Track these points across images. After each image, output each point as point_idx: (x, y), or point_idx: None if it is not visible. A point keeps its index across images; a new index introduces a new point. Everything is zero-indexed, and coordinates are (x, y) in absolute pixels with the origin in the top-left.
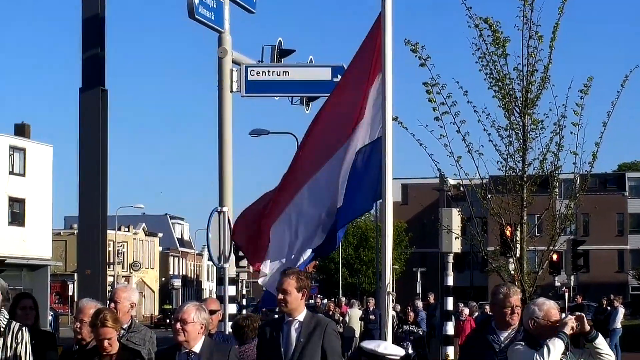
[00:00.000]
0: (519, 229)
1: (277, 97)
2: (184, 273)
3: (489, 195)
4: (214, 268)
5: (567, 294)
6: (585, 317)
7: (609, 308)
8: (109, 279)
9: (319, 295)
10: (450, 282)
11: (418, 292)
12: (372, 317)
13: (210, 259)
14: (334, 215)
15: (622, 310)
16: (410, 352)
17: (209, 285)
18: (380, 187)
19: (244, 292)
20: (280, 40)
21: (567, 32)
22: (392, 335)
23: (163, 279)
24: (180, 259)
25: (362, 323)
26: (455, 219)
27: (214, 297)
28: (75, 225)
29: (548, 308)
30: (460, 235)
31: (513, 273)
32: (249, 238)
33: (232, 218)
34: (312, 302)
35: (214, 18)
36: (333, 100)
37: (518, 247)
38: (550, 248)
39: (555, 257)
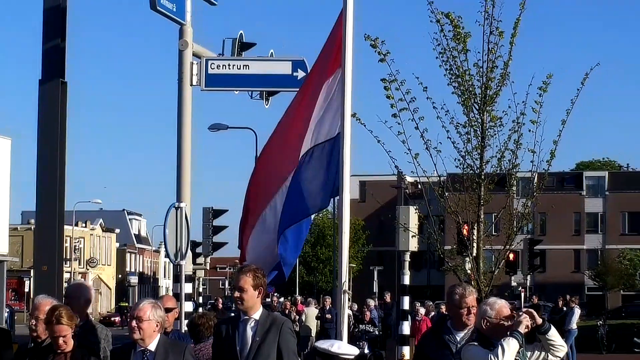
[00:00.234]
0: (476, 228)
1: (237, 91)
2: (141, 270)
3: (447, 193)
4: (171, 265)
5: (523, 294)
6: (539, 312)
7: (565, 308)
8: (66, 276)
9: (276, 294)
10: (407, 281)
11: (375, 291)
12: (328, 316)
13: (167, 256)
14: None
15: (577, 311)
16: (367, 351)
17: (166, 283)
18: (338, 183)
19: (201, 289)
20: (242, 33)
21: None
22: (348, 335)
23: (120, 276)
24: (137, 256)
25: (318, 322)
26: (413, 217)
27: (171, 294)
28: (32, 221)
29: (500, 307)
30: (418, 234)
31: (469, 272)
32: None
33: (189, 214)
34: (268, 300)
35: (176, 10)
36: (299, 100)
37: (475, 246)
38: (507, 247)
39: (512, 256)
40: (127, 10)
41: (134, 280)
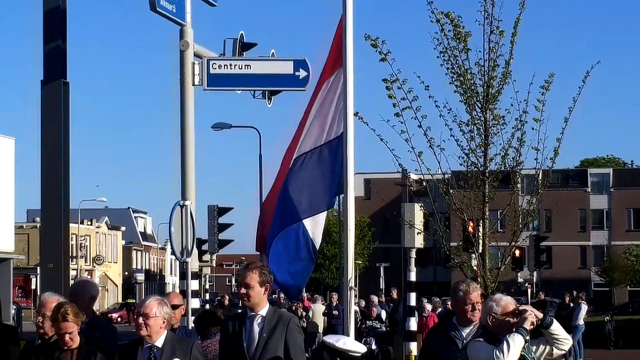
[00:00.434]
0: (481, 225)
1: (239, 90)
2: (147, 267)
3: (451, 191)
4: (177, 262)
5: (529, 290)
6: (546, 308)
7: (572, 304)
8: (72, 273)
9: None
10: (413, 277)
11: (381, 287)
12: (335, 312)
13: (173, 253)
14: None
15: (584, 307)
16: (374, 347)
17: (172, 280)
18: (342, 181)
19: (207, 286)
20: (242, 34)
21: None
22: (355, 331)
23: (126, 273)
24: (143, 253)
25: (325, 318)
26: (418, 215)
27: (177, 291)
28: (38, 219)
29: (505, 304)
30: (423, 231)
31: (475, 269)
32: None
33: (194, 212)
34: (274, 297)
35: (176, 11)
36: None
37: (480, 242)
38: (513, 244)
39: (518, 253)
40: (126, 11)
41: (141, 278)
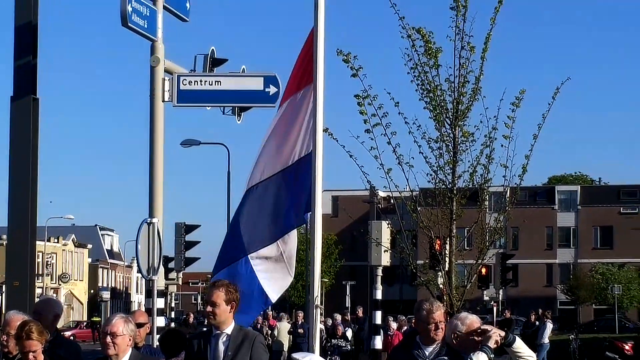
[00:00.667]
0: (448, 242)
1: (209, 106)
2: (113, 285)
3: (419, 208)
4: (143, 280)
5: (495, 308)
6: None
7: (537, 322)
8: (37, 291)
9: None
10: (379, 295)
11: (347, 305)
12: (300, 330)
13: (140, 271)
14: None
15: (550, 325)
16: None
17: (138, 298)
18: (310, 198)
19: (173, 304)
20: (213, 49)
21: (498, 43)
22: (320, 349)
23: (92, 291)
24: (110, 271)
25: (290, 337)
26: (385, 232)
27: (143, 309)
28: (4, 236)
29: (470, 322)
30: (390, 249)
31: (442, 287)
32: None
33: (161, 229)
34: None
35: (147, 26)
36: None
37: (447, 260)
38: (479, 262)
39: (484, 270)
40: (98, 26)
41: (106, 295)
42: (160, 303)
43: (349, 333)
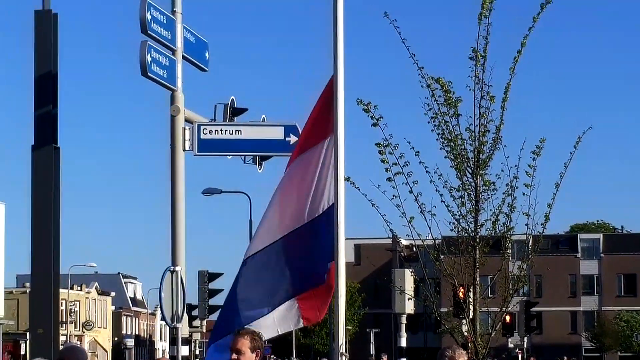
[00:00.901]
0: (472, 290)
1: (229, 155)
2: (137, 332)
3: (442, 256)
4: (167, 328)
5: (520, 356)
6: None
7: None
8: (62, 339)
9: (272, 356)
10: (404, 343)
11: (371, 353)
12: None
13: (163, 319)
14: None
15: None
16: None
17: (162, 345)
18: (333, 248)
19: (197, 352)
20: (233, 99)
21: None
22: None
23: (116, 339)
24: (133, 319)
25: None
26: (408, 280)
27: (167, 357)
28: (28, 284)
29: None
30: (413, 296)
31: (466, 334)
32: None
33: (184, 277)
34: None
35: (167, 76)
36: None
37: (471, 308)
38: (503, 309)
39: (508, 318)
40: (118, 76)
41: (130, 343)
42: (185, 351)
43: None
